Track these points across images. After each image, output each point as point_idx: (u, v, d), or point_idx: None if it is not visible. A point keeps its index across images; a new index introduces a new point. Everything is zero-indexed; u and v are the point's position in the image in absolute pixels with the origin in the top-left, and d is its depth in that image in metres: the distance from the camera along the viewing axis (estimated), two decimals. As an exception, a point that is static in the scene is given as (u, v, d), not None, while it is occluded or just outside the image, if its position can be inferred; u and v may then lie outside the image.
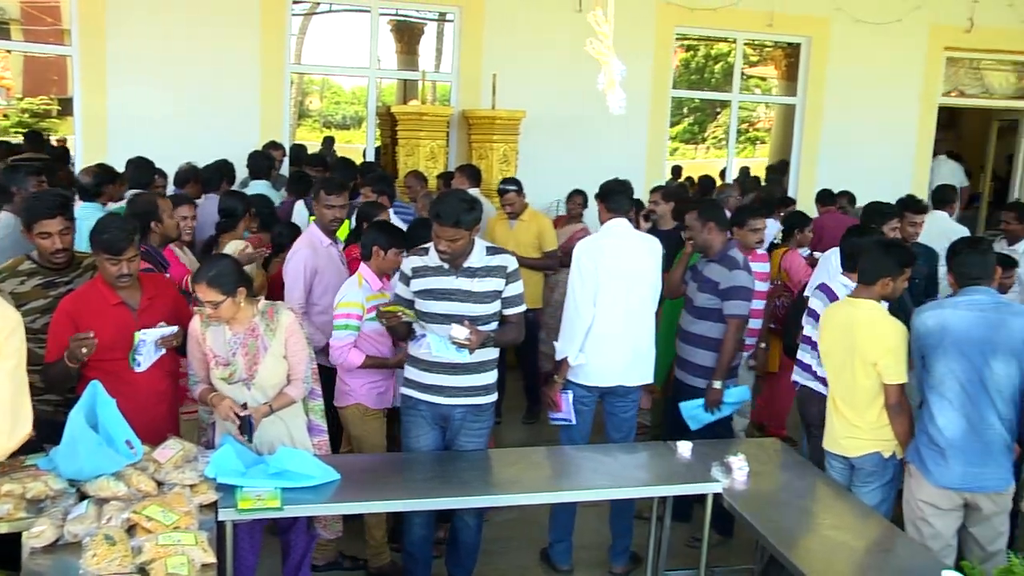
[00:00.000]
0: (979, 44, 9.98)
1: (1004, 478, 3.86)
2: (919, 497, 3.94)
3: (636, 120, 9.22)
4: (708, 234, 5.04)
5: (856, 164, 9.69)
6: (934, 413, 3.88)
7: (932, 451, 3.88)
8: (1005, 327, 3.78)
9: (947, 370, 3.84)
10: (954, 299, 3.94)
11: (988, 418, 3.81)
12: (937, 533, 3.91)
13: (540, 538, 5.06)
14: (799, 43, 9.84)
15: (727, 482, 3.95)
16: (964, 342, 3.81)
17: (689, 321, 5.09)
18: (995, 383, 3.79)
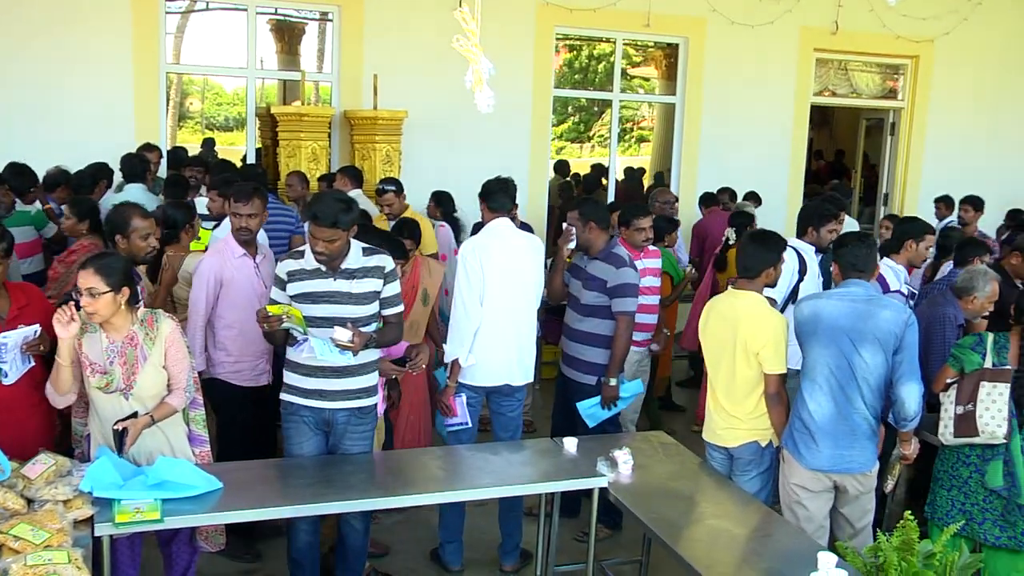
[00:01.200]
0: (845, 46, 10.40)
1: (869, 460, 4.05)
2: (793, 481, 4.09)
3: (519, 119, 9.27)
4: (589, 233, 5.08)
5: (734, 161, 9.96)
6: (806, 398, 4.03)
7: (804, 435, 4.04)
8: (873, 318, 3.94)
9: (818, 357, 4.01)
10: (831, 291, 4.11)
11: (855, 404, 3.98)
12: (811, 515, 4.06)
13: (430, 539, 5.04)
14: (677, 43, 10.04)
15: (612, 476, 4.00)
16: (834, 330, 3.97)
17: (576, 319, 5.13)
18: (863, 371, 3.96)
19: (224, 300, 4.69)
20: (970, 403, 4.21)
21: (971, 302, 4.87)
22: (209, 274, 4.66)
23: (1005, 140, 11.22)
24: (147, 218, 4.54)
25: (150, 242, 4.51)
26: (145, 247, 4.49)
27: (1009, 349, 4.27)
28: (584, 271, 5.11)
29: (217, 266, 4.68)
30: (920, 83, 10.84)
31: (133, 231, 4.44)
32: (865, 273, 4.13)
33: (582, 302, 5.10)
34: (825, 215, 5.47)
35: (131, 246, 4.43)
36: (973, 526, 4.28)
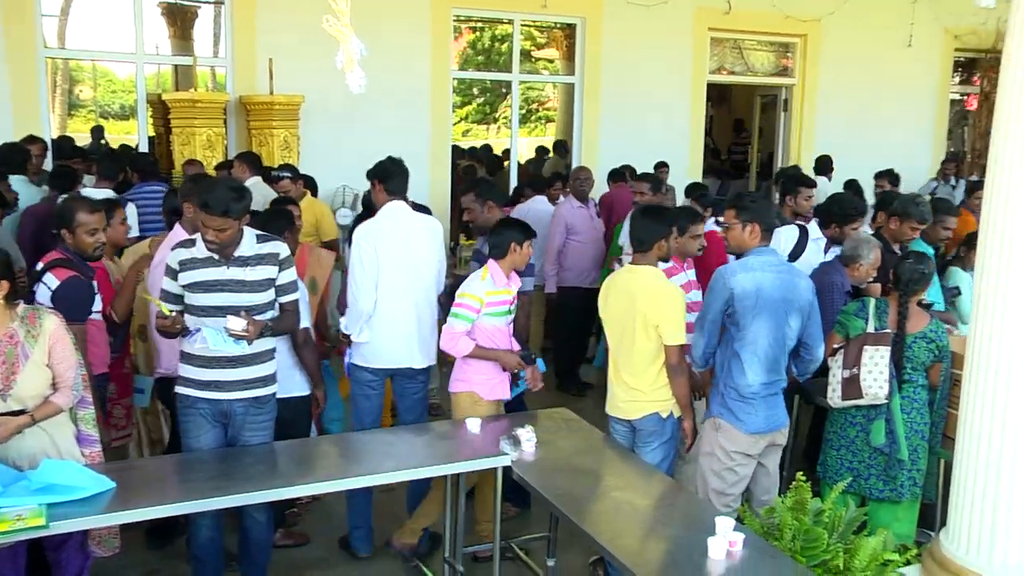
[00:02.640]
0: (738, 25, 10.62)
1: (786, 415, 4.28)
2: (731, 448, 4.17)
3: (419, 102, 9.22)
4: (488, 213, 5.08)
5: (634, 139, 10.08)
6: (745, 369, 4.11)
7: (740, 403, 4.14)
8: (796, 288, 4.10)
9: (760, 330, 4.08)
10: (758, 260, 4.14)
11: (781, 370, 4.17)
12: (741, 478, 4.21)
13: (339, 528, 5.00)
14: (575, 24, 10.10)
15: (516, 454, 4.02)
16: (773, 303, 4.07)
17: None
18: (790, 336, 4.13)
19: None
20: (855, 367, 4.38)
21: (857, 269, 5.04)
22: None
23: (887, 114, 11.62)
24: (94, 212, 4.40)
25: (98, 237, 4.38)
26: (92, 243, 4.36)
27: (888, 314, 4.45)
28: (481, 252, 5.11)
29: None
30: (809, 60, 11.15)
31: (79, 226, 4.31)
32: (769, 232, 4.25)
33: None
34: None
35: (77, 241, 4.32)
36: (860, 482, 4.47)
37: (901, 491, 4.40)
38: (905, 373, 4.42)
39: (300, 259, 5.16)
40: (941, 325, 4.51)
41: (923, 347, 4.41)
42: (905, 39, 11.27)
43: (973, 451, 3.39)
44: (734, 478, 4.19)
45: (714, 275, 4.19)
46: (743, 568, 3.15)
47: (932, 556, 3.56)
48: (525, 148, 14.71)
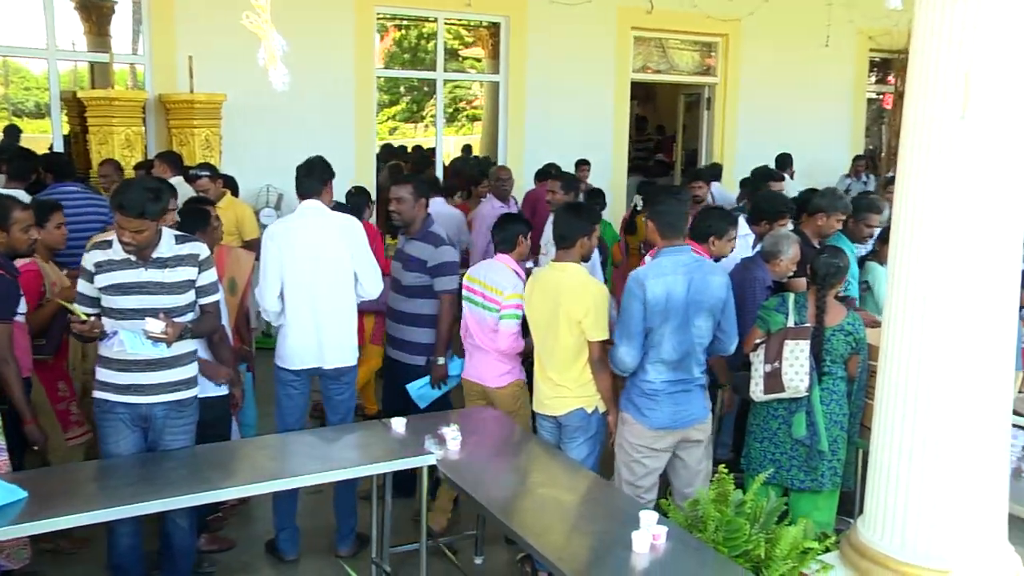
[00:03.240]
0: (661, 25, 10.75)
1: (703, 411, 4.28)
2: (636, 441, 4.21)
3: (342, 101, 9.14)
4: (418, 210, 5.07)
5: (560, 137, 10.13)
6: (647, 368, 4.14)
7: (644, 399, 4.17)
8: (707, 287, 4.09)
9: (665, 333, 4.08)
10: (669, 262, 4.12)
11: (692, 369, 4.16)
12: (650, 471, 4.22)
13: (266, 531, 4.94)
14: (499, 22, 10.11)
15: (441, 453, 4.01)
16: (679, 307, 4.07)
17: (400, 301, 5.12)
18: (698, 338, 4.13)
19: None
20: (776, 361, 4.44)
21: (777, 264, 5.14)
22: None
23: (807, 112, 11.88)
24: (26, 210, 4.49)
25: (31, 234, 4.45)
26: (26, 239, 4.42)
27: (808, 308, 4.54)
28: (403, 252, 5.09)
29: None
30: (731, 60, 11.34)
31: (13, 223, 4.33)
32: (678, 230, 4.21)
33: (404, 283, 5.08)
34: (780, 212, 5.76)
35: (11, 239, 4.35)
36: (782, 473, 4.54)
37: (822, 481, 4.49)
38: (824, 366, 4.50)
39: (219, 260, 5.06)
40: (858, 318, 4.61)
41: (841, 340, 4.50)
42: (822, 39, 11.52)
43: (887, 440, 3.49)
44: (642, 471, 4.21)
45: (628, 280, 4.16)
46: (666, 560, 3.19)
47: (850, 542, 3.66)
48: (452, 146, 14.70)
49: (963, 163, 3.18)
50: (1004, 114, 3.15)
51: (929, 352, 3.32)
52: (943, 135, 3.20)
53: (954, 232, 3.23)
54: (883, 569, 3.46)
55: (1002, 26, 3.11)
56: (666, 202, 4.26)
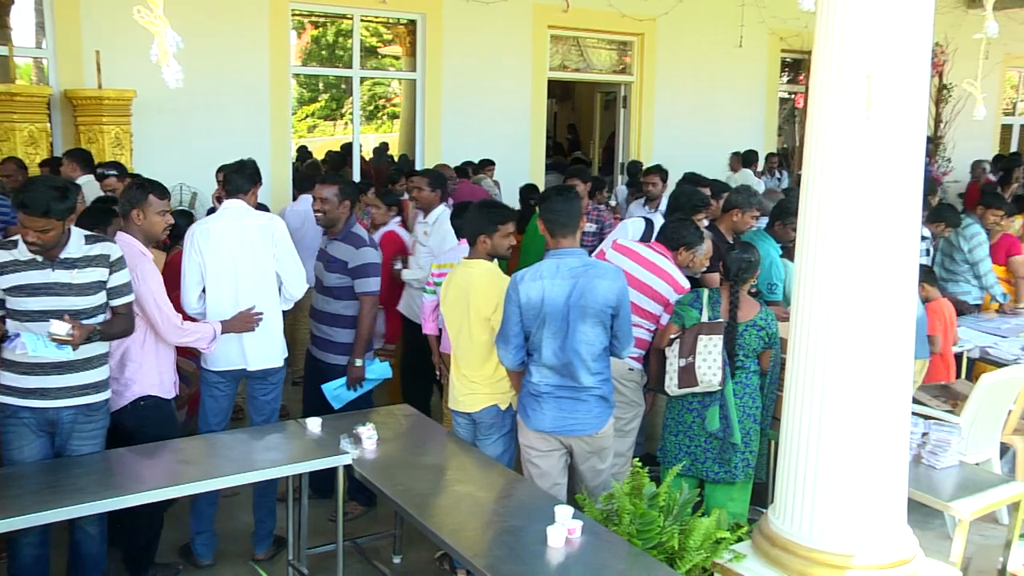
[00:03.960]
0: (577, 24, 10.81)
1: (594, 423, 4.12)
2: (523, 441, 4.23)
3: (258, 98, 9.00)
4: (342, 211, 5.03)
5: (477, 135, 10.15)
6: (532, 370, 4.12)
7: (530, 399, 4.15)
8: (592, 292, 3.97)
9: (544, 338, 4.03)
10: (551, 265, 4.05)
11: (578, 375, 4.04)
12: (544, 472, 4.20)
13: (182, 535, 4.84)
14: (416, 20, 10.07)
15: (357, 453, 3.99)
16: (558, 311, 4.00)
17: (322, 301, 5.07)
18: (585, 343, 4.02)
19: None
20: (690, 355, 4.49)
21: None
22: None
23: (721, 111, 12.11)
24: None
25: None
26: None
27: (721, 303, 4.62)
28: (325, 252, 5.05)
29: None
30: (647, 59, 11.48)
31: None
32: (570, 228, 4.10)
33: (325, 284, 5.04)
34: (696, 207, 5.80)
35: None
36: (697, 466, 4.61)
37: (735, 473, 4.57)
38: (738, 360, 4.57)
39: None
40: (771, 313, 4.69)
41: (754, 335, 4.58)
42: (735, 40, 11.75)
43: (795, 431, 3.58)
44: (536, 471, 4.19)
45: (509, 283, 4.12)
46: (580, 554, 3.23)
47: (761, 531, 3.74)
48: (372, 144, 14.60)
49: (866, 161, 3.28)
50: (904, 113, 3.26)
51: (834, 345, 3.42)
52: (847, 134, 3.30)
53: (857, 227, 3.33)
54: (792, 556, 3.55)
55: (902, 29, 3.22)
56: (556, 201, 4.13)
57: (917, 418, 4.57)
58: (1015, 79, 17.07)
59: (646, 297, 4.85)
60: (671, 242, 5.01)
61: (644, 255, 4.96)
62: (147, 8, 2.00)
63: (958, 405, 5.20)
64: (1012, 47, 15.08)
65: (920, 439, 4.52)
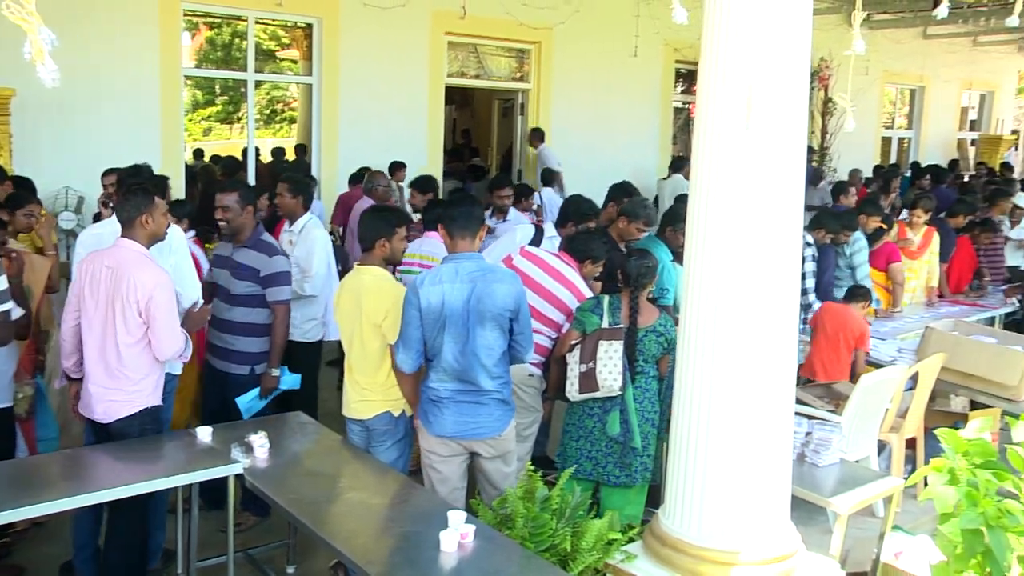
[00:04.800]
0: (474, 31, 10.85)
1: (495, 426, 4.19)
2: (425, 447, 4.23)
3: (148, 100, 8.75)
4: (246, 218, 4.96)
5: (375, 141, 10.07)
6: (431, 375, 4.15)
7: (430, 405, 4.17)
8: (490, 297, 4.04)
9: (443, 343, 4.07)
10: (450, 269, 4.09)
11: (478, 380, 4.09)
12: (444, 477, 4.22)
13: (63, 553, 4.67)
14: (312, 23, 9.96)
15: (248, 461, 3.93)
16: (457, 316, 4.04)
17: (226, 309, 4.98)
18: (484, 347, 4.07)
19: None
20: (591, 361, 4.53)
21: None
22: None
23: (617, 119, 12.31)
24: None
25: None
26: None
27: (621, 309, 4.69)
28: (232, 260, 4.95)
29: None
30: (543, 67, 11.59)
31: None
32: (469, 232, 4.16)
33: (232, 292, 4.95)
34: (585, 214, 5.87)
35: None
36: (598, 470, 4.64)
37: (635, 476, 4.63)
38: (638, 365, 4.63)
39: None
40: (670, 319, 4.77)
41: (653, 340, 4.65)
42: (631, 50, 11.94)
43: (684, 433, 3.67)
44: (437, 476, 4.21)
45: (408, 287, 4.15)
46: (473, 558, 3.25)
47: (652, 532, 3.82)
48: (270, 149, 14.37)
49: (747, 169, 3.40)
50: (783, 124, 3.39)
51: (720, 349, 3.52)
52: (729, 143, 3.41)
53: (739, 233, 3.44)
54: (682, 554, 3.64)
55: (780, 45, 3.35)
56: (458, 207, 4.24)
57: (801, 418, 4.74)
58: (893, 95, 17.84)
59: (549, 305, 4.91)
60: (579, 253, 5.10)
61: (551, 263, 5.03)
62: (17, 4, 1.93)
63: (840, 405, 5.40)
64: (889, 64, 15.82)
65: (804, 438, 4.68)
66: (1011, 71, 20.36)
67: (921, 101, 18.03)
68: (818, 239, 7.02)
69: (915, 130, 18.24)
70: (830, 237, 7.11)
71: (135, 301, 4.03)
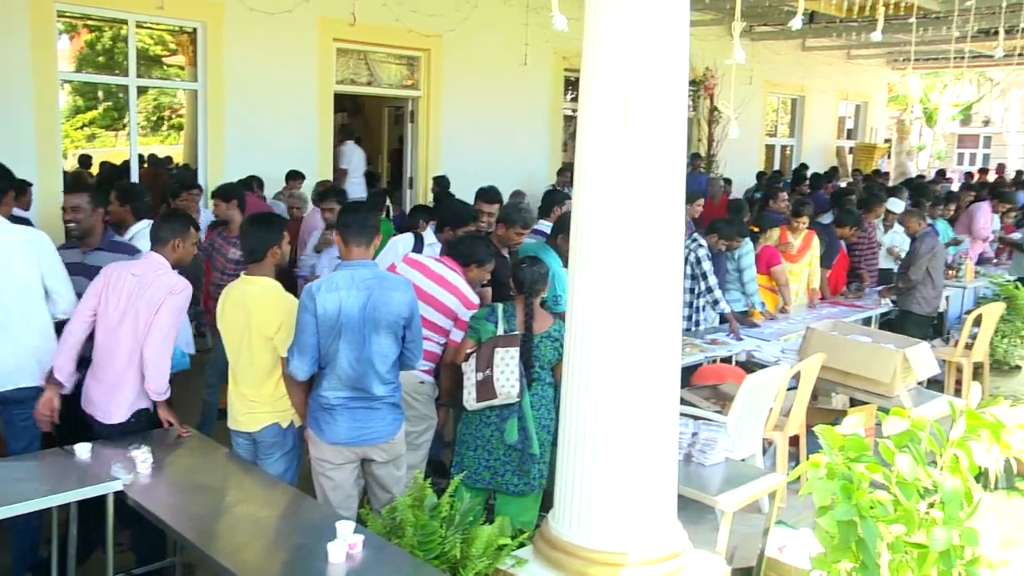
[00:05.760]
0: (364, 38, 10.75)
1: (387, 430, 4.19)
2: (317, 456, 4.18)
3: (20, 105, 8.39)
4: (95, 218, 4.79)
5: (264, 149, 9.88)
6: (323, 383, 4.10)
7: (322, 413, 4.12)
8: (386, 304, 4.06)
9: (339, 350, 4.04)
10: (346, 276, 4.08)
11: (371, 387, 4.09)
12: (337, 485, 4.17)
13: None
14: (196, 28, 9.71)
15: (129, 478, 3.80)
16: (353, 323, 4.03)
17: None
18: (379, 354, 4.08)
19: None
20: (488, 368, 4.54)
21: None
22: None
23: (508, 127, 12.38)
24: None
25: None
26: None
27: (516, 316, 4.71)
28: (85, 265, 4.77)
29: None
30: (434, 74, 11.57)
31: None
32: (364, 239, 4.17)
33: None
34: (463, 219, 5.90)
35: None
36: (497, 479, 4.64)
37: (533, 484, 4.65)
38: (534, 372, 4.65)
39: None
40: (563, 325, 4.81)
41: (549, 346, 4.68)
42: (521, 58, 12.03)
43: (571, 438, 3.72)
44: (330, 485, 4.17)
45: (302, 293, 4.11)
46: (362, 569, 3.23)
47: (542, 536, 3.85)
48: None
49: (626, 172, 3.47)
50: (660, 128, 3.47)
51: (605, 353, 3.58)
52: (608, 147, 3.47)
53: (621, 238, 3.50)
54: (571, 557, 3.68)
55: (657, 51, 3.43)
56: (352, 214, 4.24)
57: (687, 419, 4.84)
58: (775, 104, 18.45)
59: (436, 311, 4.90)
60: (464, 258, 5.10)
61: (435, 270, 5.01)
62: None
63: (726, 405, 5.54)
64: (771, 75, 16.36)
65: (690, 439, 4.78)
66: (882, 83, 21.34)
67: (801, 110, 18.67)
68: (712, 244, 7.20)
69: (797, 138, 18.88)
70: (724, 244, 7.30)
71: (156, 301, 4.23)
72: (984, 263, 11.01)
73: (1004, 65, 19.38)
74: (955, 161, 29.97)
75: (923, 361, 6.31)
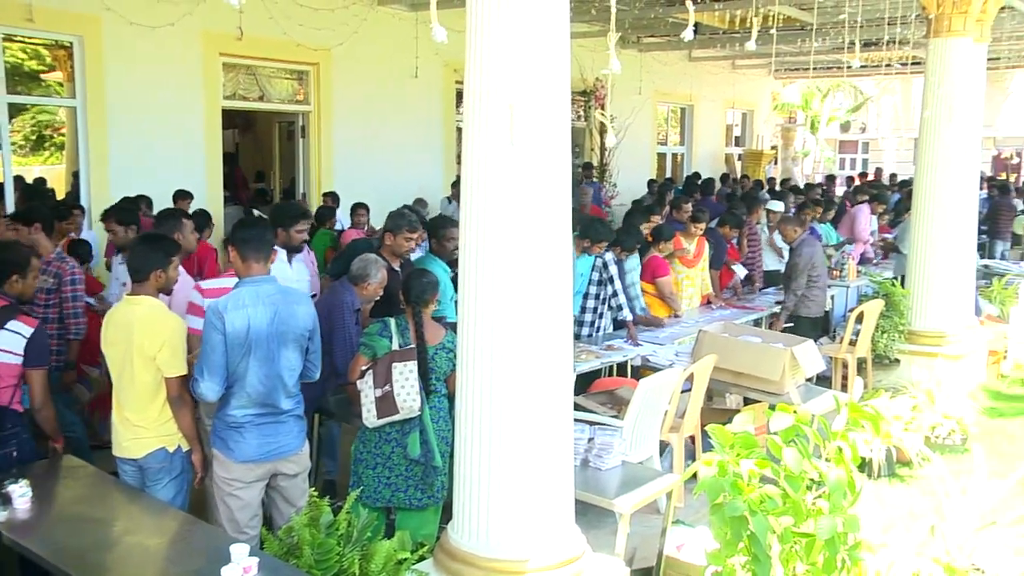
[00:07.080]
0: (251, 52, 10.56)
1: (295, 442, 4.23)
2: (226, 475, 4.10)
3: None
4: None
5: (150, 167, 9.60)
6: (231, 402, 4.06)
7: (230, 431, 4.08)
8: (293, 318, 4.09)
9: (249, 367, 4.02)
10: (251, 292, 4.05)
11: (279, 402, 4.11)
12: (246, 503, 4.13)
13: None
14: (72, 42, 9.38)
15: (6, 514, 3.64)
16: (262, 339, 4.03)
17: None
18: (287, 368, 4.10)
19: None
20: (387, 384, 4.51)
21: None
22: None
23: (401, 139, 12.33)
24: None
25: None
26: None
27: (410, 330, 4.67)
28: None
29: None
30: (323, 88, 11.44)
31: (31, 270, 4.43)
32: (263, 255, 4.17)
33: None
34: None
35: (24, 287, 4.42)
36: (398, 495, 4.59)
37: (436, 496, 4.62)
38: (431, 383, 4.63)
39: None
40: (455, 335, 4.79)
41: (444, 357, 4.67)
42: (412, 70, 12.01)
43: (467, 448, 3.72)
44: (238, 504, 4.13)
45: (208, 312, 4.05)
46: (257, 592, 3.15)
47: (442, 548, 3.84)
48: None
49: (513, 182, 3.49)
50: (542, 137, 3.50)
51: (497, 362, 3.59)
52: (495, 159, 3.49)
53: (510, 246, 3.52)
54: (473, 568, 3.68)
55: (540, 63, 3.47)
56: (250, 230, 4.24)
57: (583, 424, 4.89)
58: (665, 113, 18.86)
59: None
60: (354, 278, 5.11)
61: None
62: None
63: (622, 410, 5.61)
64: (660, 85, 16.73)
65: (587, 444, 4.83)
66: (766, 92, 22.06)
67: (691, 119, 19.13)
68: (616, 254, 7.34)
69: (687, 146, 19.33)
70: (625, 254, 7.44)
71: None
72: (865, 263, 11.46)
73: (870, 75, 20.41)
74: (837, 166, 31.14)
75: (810, 358, 6.52)
